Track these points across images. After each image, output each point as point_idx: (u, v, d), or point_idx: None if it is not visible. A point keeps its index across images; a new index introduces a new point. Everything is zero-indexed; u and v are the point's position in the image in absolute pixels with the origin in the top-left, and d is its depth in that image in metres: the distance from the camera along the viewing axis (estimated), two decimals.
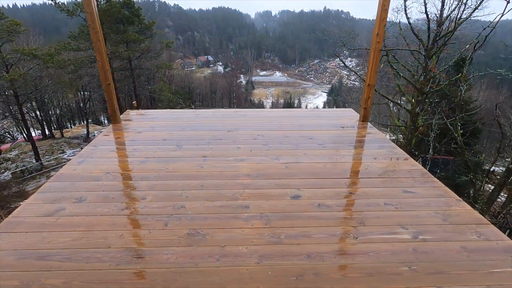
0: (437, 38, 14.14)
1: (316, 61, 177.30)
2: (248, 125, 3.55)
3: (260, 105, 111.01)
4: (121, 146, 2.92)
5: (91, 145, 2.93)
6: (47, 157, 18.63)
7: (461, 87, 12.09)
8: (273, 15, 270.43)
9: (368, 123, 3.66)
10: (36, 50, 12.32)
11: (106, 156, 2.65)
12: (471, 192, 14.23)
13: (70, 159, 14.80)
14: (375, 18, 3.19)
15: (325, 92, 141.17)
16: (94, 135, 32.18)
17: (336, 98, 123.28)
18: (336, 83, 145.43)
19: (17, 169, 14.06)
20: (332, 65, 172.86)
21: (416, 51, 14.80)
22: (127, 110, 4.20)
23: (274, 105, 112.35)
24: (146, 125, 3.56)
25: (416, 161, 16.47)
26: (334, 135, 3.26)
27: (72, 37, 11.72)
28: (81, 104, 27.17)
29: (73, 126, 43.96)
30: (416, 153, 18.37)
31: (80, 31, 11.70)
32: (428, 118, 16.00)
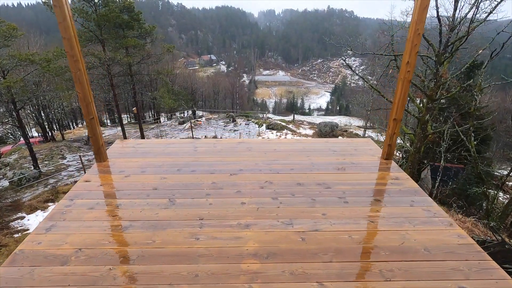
0: (449, 43, 13.53)
1: (319, 60, 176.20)
2: (253, 165, 3.07)
3: (263, 105, 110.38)
4: (102, 200, 2.45)
5: (68, 197, 2.47)
6: (46, 162, 18.29)
7: (476, 96, 11.50)
8: (276, 14, 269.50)
9: (393, 162, 3.16)
10: (34, 55, 11.91)
11: (82, 219, 2.18)
12: (483, 204, 13.66)
13: (53, 207, 14.22)
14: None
15: (329, 92, 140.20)
16: None
17: (340, 99, 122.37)
18: (340, 83, 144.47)
19: (14, 178, 13.70)
20: (336, 65, 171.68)
21: (427, 56, 14.19)
22: (117, 140, 3.74)
23: (277, 105, 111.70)
24: (136, 164, 3.08)
25: (425, 169, 15.81)
26: (355, 181, 2.77)
27: None
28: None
29: (75, 127, 43.80)
30: (425, 161, 17.79)
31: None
32: (438, 125, 15.42)
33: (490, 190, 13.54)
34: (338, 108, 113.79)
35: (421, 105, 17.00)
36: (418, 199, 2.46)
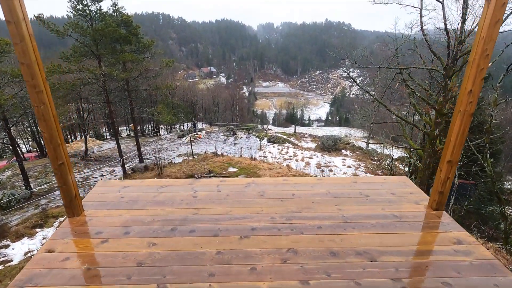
0: (458, 57, 13.09)
1: (318, 72, 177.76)
2: (269, 220, 2.40)
3: (263, 116, 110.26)
4: (66, 284, 1.76)
5: (19, 279, 1.78)
6: (39, 180, 17.55)
7: (492, 112, 10.93)
8: (275, 27, 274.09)
9: (445, 213, 2.49)
10: None
11: None
12: (501, 225, 12.87)
13: None
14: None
15: (328, 103, 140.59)
16: (93, 152, 31.16)
17: (339, 109, 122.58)
18: (339, 94, 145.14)
19: (4, 199, 12.95)
20: (334, 76, 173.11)
21: (435, 69, 13.73)
22: (99, 182, 3.07)
23: (277, 116, 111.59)
24: (118, 219, 2.41)
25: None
26: (406, 248, 2.09)
27: (64, 57, 10.80)
28: (81, 114, 26.00)
29: (73, 140, 43.12)
30: (433, 177, 17.10)
31: (73, 51, 10.79)
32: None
33: (509, 208, 12.82)
34: (338, 119, 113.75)
35: (427, 118, 16.46)
36: (502, 280, 1.78)
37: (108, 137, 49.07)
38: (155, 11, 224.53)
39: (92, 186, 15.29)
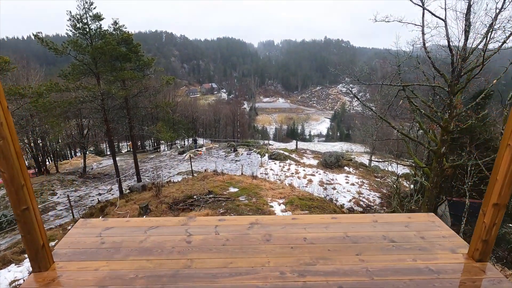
0: (462, 74, 12.91)
1: (318, 87, 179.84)
2: (278, 276, 1.96)
3: (264, 131, 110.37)
4: None
5: None
6: None
7: (502, 130, 10.59)
8: (275, 44, 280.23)
9: (489, 265, 2.06)
10: (25, 88, 11.18)
11: None
12: None
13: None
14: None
15: (328, 118, 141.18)
16: (92, 168, 30.69)
17: (340, 125, 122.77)
18: (339, 109, 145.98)
19: None
20: (334, 92, 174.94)
21: (439, 86, 13.51)
22: (78, 221, 2.65)
23: (278, 132, 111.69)
24: (94, 275, 1.97)
25: (441, 204, 14.41)
26: None
27: (63, 75, 10.63)
28: (80, 131, 25.64)
29: (73, 157, 42.73)
30: (441, 196, 16.52)
31: (72, 69, 10.63)
32: (456, 158, 14.38)
33: None
34: (338, 134, 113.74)
35: (433, 135, 16.11)
36: None
37: (108, 153, 48.71)
38: (158, 29, 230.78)
39: (87, 207, 14.76)
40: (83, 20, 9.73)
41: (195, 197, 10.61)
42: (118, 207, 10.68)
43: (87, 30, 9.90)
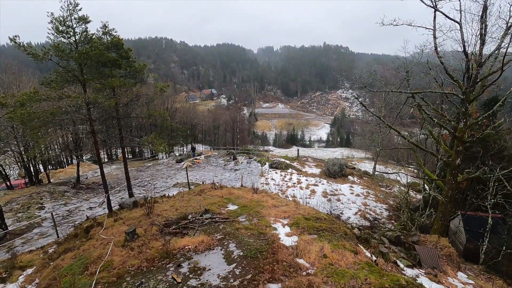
0: (478, 80, 12.02)
1: (317, 93, 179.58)
2: None
3: (264, 137, 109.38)
4: None
5: None
6: (19, 214, 15.94)
7: None
8: (275, 50, 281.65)
9: None
10: (6, 97, 10.22)
11: None
12: None
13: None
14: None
15: (328, 124, 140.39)
16: (87, 178, 29.57)
17: (340, 130, 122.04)
18: (339, 115, 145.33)
19: None
20: (334, 97, 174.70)
21: (453, 94, 12.60)
22: None
23: (278, 137, 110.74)
24: None
25: (454, 218, 13.27)
26: None
27: (46, 82, 9.70)
28: (74, 140, 24.51)
29: (69, 164, 41.54)
30: (457, 211, 15.47)
31: (55, 76, 9.69)
32: (472, 170, 13.39)
33: None
34: (338, 139, 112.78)
35: (446, 146, 15.15)
36: None
37: (105, 160, 47.46)
38: (158, 35, 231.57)
39: (75, 223, 13.66)
40: (67, 22, 8.84)
41: (190, 217, 9.60)
42: (105, 229, 9.63)
43: (72, 33, 9.00)
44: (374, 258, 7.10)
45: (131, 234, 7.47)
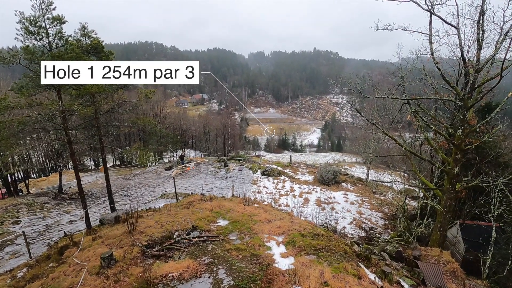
0: (476, 86, 11.69)
1: (308, 98, 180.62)
2: None
3: (255, 142, 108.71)
4: None
5: None
6: None
7: None
8: (265, 55, 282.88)
9: None
10: None
11: None
12: None
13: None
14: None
15: (319, 128, 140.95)
16: (70, 187, 28.09)
17: (331, 135, 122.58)
18: (329, 119, 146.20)
19: None
20: (324, 102, 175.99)
21: (451, 100, 12.24)
22: None
23: (269, 142, 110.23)
24: None
25: (452, 227, 12.79)
26: None
27: (16, 88, 8.79)
28: (54, 149, 23.28)
29: (52, 173, 39.67)
30: (455, 221, 15.07)
31: (27, 81, 8.80)
32: (471, 180, 13.00)
33: None
34: (329, 144, 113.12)
35: (443, 154, 14.79)
36: None
37: (92, 167, 45.55)
38: (148, 40, 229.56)
39: (51, 240, 12.56)
40: (38, 23, 8.02)
41: (176, 235, 8.76)
42: (80, 249, 8.69)
43: (44, 34, 8.17)
44: (379, 282, 6.44)
45: (107, 259, 6.60)
